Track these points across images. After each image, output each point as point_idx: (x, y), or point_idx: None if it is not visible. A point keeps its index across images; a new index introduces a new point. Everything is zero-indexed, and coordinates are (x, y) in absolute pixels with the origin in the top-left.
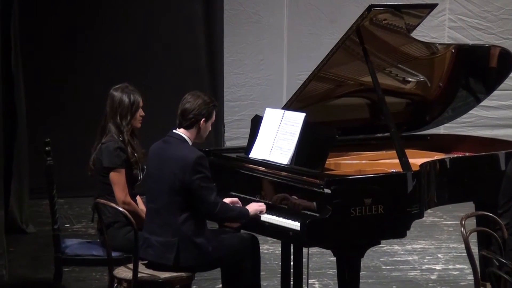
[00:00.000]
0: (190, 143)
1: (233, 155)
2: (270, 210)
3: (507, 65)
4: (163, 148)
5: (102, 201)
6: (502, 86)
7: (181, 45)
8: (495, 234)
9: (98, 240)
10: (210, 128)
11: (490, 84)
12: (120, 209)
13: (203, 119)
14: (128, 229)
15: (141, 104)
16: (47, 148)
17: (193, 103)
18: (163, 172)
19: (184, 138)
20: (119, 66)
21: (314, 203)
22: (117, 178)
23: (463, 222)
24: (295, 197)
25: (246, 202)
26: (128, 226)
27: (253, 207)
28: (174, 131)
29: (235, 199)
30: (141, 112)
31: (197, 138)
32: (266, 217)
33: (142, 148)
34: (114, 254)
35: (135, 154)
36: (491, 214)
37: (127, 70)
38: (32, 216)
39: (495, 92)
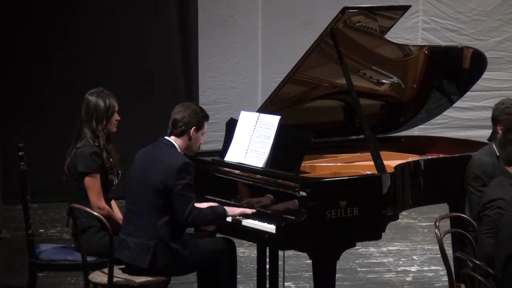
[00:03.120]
0: (179, 150)
1: (208, 158)
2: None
3: (480, 66)
4: (152, 152)
5: (77, 206)
6: (475, 87)
7: (155, 49)
8: (468, 235)
9: (73, 245)
10: (201, 140)
11: (463, 85)
12: (95, 213)
13: (193, 128)
14: (103, 233)
15: (116, 108)
16: (20, 153)
17: (183, 113)
18: (147, 174)
19: (173, 144)
20: (93, 70)
21: (290, 206)
22: (92, 183)
23: (437, 224)
24: (270, 200)
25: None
26: (103, 230)
27: (232, 209)
28: (165, 137)
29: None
30: (116, 117)
31: (188, 149)
32: (243, 221)
33: (117, 153)
34: (89, 258)
35: (110, 159)
36: (464, 215)
37: (102, 74)
38: (6, 221)
39: (468, 93)
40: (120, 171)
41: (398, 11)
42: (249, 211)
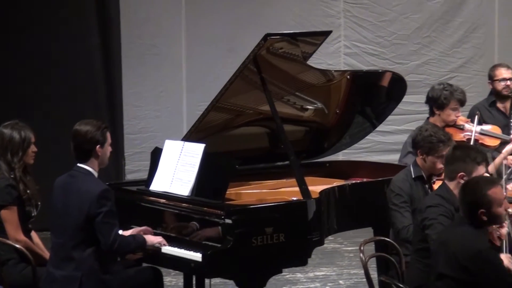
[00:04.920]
0: (95, 174)
1: (134, 188)
2: (171, 242)
3: (400, 90)
4: (69, 182)
5: None
6: (396, 110)
7: (78, 79)
8: (392, 259)
9: None
10: (110, 149)
11: (385, 109)
12: (17, 245)
13: (98, 146)
14: (24, 265)
15: (33, 140)
16: None
17: (82, 134)
18: (68, 206)
19: (88, 171)
20: (15, 100)
21: (216, 233)
22: (9, 216)
23: (361, 248)
24: (197, 228)
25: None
26: (23, 262)
27: (150, 238)
28: (78, 165)
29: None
30: (33, 148)
31: (101, 165)
32: (168, 249)
33: (36, 185)
34: None
35: (28, 191)
36: (388, 239)
37: (24, 104)
38: None
39: (390, 117)
40: (39, 203)
41: (320, 36)
42: (162, 241)
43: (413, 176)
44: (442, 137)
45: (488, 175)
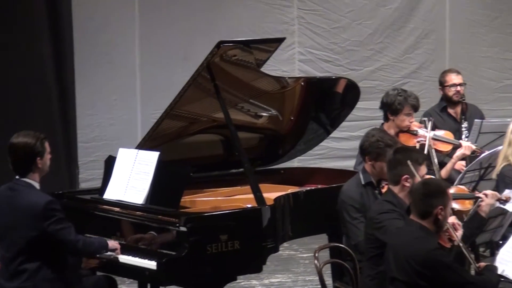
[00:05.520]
0: (37, 186)
1: (88, 196)
2: (126, 250)
3: (354, 96)
4: (11, 196)
5: None
6: (350, 117)
7: (31, 88)
8: (346, 265)
9: None
10: (49, 156)
11: (339, 116)
12: None
13: (38, 158)
14: None
15: None
16: None
17: (21, 147)
18: (15, 222)
19: (30, 183)
20: None
21: (170, 241)
22: None
23: (316, 255)
24: (151, 236)
25: None
26: None
27: (112, 242)
28: (18, 178)
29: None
30: None
31: (42, 174)
32: (122, 258)
33: None
34: None
35: None
36: (343, 245)
37: None
38: None
39: (344, 123)
40: None
41: (273, 43)
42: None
43: (363, 183)
44: (389, 142)
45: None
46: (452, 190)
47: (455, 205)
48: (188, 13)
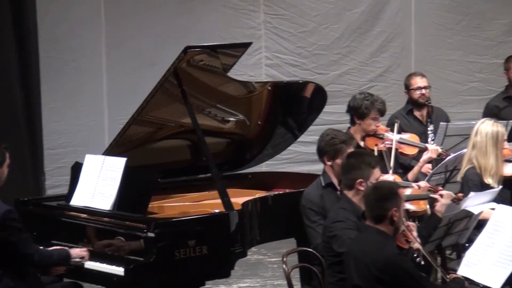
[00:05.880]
0: None
1: (54, 203)
2: (94, 256)
3: (321, 100)
4: None
5: None
6: (318, 121)
7: None
8: (314, 269)
9: None
10: (7, 169)
11: (306, 120)
12: None
13: None
14: None
15: None
16: None
17: None
18: None
19: None
20: None
21: (138, 247)
22: None
23: (284, 259)
24: (119, 242)
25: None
26: None
27: (75, 251)
28: None
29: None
30: None
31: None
32: (90, 264)
33: None
34: None
35: None
36: (311, 250)
37: None
38: None
39: (312, 127)
40: None
41: (240, 48)
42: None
43: (323, 185)
44: (344, 138)
45: (383, 177)
46: (408, 191)
47: (410, 206)
48: (155, 19)
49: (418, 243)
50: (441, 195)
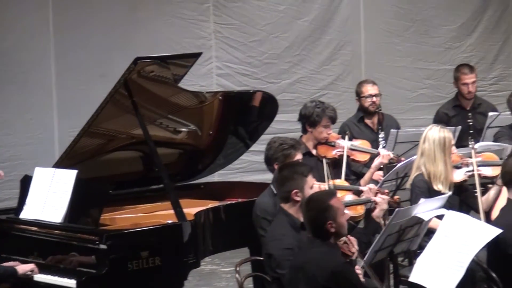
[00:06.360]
0: None
1: (3, 216)
2: (45, 269)
3: (272, 109)
4: None
5: None
6: (269, 129)
7: None
8: (268, 278)
9: None
10: None
11: (257, 129)
12: None
13: None
14: None
15: None
16: None
17: None
18: None
19: None
20: None
21: (90, 259)
22: None
23: (237, 269)
24: (71, 255)
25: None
26: None
27: (22, 267)
28: None
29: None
30: None
31: None
32: (41, 277)
33: None
34: None
35: None
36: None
37: None
38: None
39: (264, 136)
40: None
41: (190, 58)
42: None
43: (274, 192)
44: (292, 143)
45: (318, 185)
46: (349, 197)
47: (347, 211)
48: (104, 30)
49: (360, 256)
50: (376, 203)
